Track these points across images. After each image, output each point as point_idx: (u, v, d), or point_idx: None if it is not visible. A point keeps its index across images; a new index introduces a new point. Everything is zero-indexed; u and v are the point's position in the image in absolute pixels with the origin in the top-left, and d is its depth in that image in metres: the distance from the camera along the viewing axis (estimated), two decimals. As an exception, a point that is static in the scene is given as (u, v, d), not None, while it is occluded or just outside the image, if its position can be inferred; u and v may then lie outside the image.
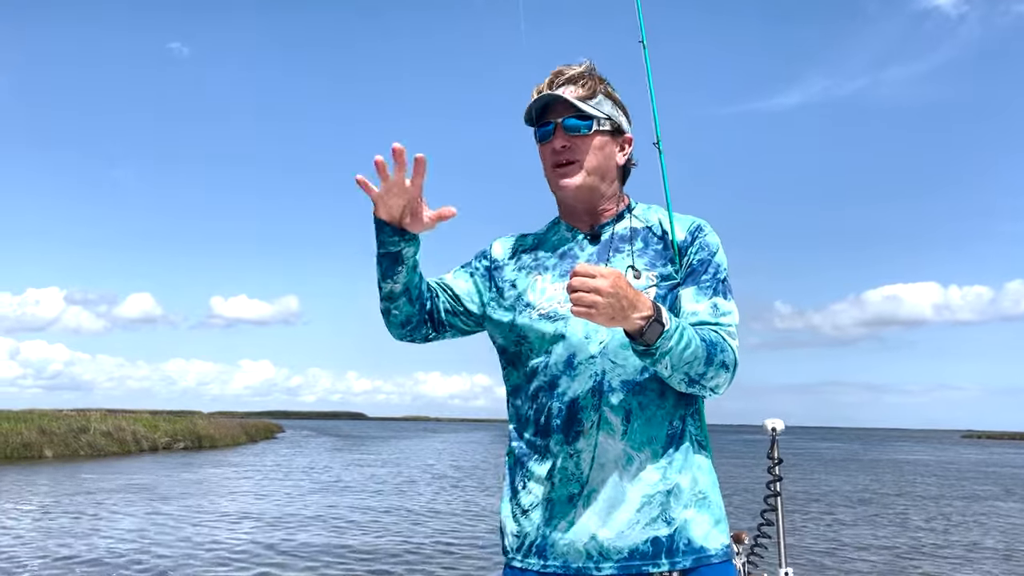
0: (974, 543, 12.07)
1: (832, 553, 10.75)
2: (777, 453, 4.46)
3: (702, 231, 1.87)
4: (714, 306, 1.79)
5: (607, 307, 1.55)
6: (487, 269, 1.95)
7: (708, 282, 1.81)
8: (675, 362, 1.64)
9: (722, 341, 1.74)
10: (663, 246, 1.86)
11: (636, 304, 1.58)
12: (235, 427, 45.23)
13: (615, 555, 1.71)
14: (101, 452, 30.38)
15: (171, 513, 13.45)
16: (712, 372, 1.70)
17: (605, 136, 1.86)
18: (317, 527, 12.26)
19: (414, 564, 9.47)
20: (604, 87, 1.88)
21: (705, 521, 1.76)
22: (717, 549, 1.76)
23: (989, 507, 17.43)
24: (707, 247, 1.85)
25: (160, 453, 32.76)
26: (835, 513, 15.38)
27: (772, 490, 4.42)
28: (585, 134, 1.84)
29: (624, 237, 1.88)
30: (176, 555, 9.64)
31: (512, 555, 1.82)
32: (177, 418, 43.67)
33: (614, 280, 1.55)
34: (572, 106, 1.83)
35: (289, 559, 9.59)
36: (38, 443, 28.56)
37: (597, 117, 1.84)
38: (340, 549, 10.35)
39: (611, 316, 1.56)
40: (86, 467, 23.99)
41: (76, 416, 34.61)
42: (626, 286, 1.57)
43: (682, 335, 1.64)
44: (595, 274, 1.55)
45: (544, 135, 1.86)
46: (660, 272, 1.82)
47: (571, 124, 1.83)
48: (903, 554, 10.96)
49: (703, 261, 1.83)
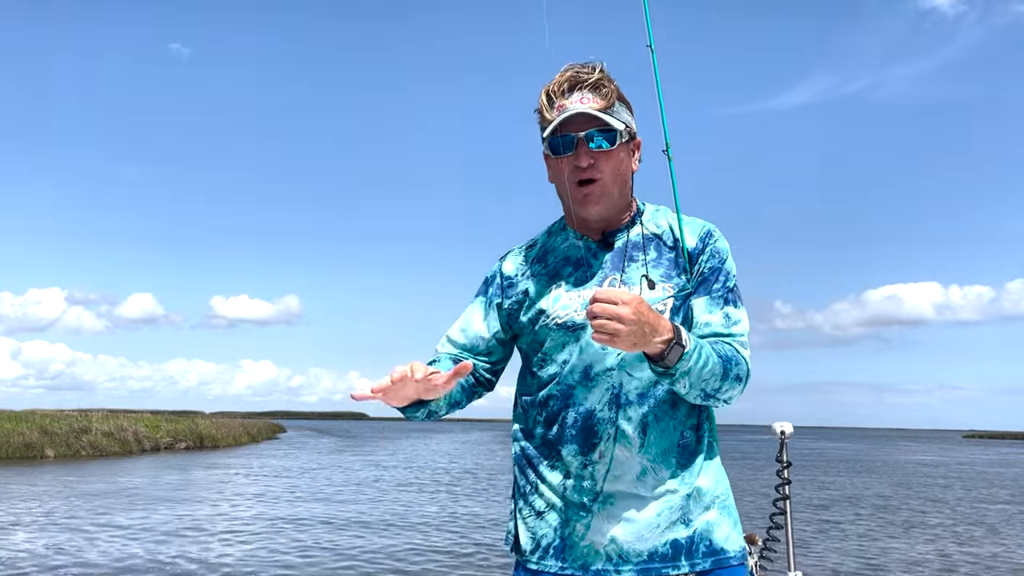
0: (1012, 558, 11.94)
1: (845, 559, 10.63)
2: (786, 456, 4.46)
3: (712, 237, 1.86)
4: (726, 316, 1.79)
5: (630, 335, 1.53)
6: (501, 289, 1.92)
7: (719, 291, 1.81)
8: (693, 380, 1.64)
9: (736, 354, 1.74)
10: (675, 254, 1.84)
11: (657, 328, 1.57)
12: (237, 427, 45.20)
13: (635, 558, 1.72)
14: (103, 452, 30.35)
15: (166, 517, 13.38)
16: (727, 386, 1.71)
17: (624, 147, 1.83)
18: (318, 530, 12.18)
19: (420, 564, 9.41)
20: (616, 89, 1.82)
21: (725, 523, 1.78)
22: (735, 551, 1.78)
23: (1016, 512, 17.16)
24: (718, 254, 1.84)
25: (162, 453, 32.73)
26: (847, 517, 15.24)
27: (781, 493, 4.40)
28: (608, 148, 1.78)
29: (637, 245, 1.85)
30: (166, 561, 9.57)
31: (527, 556, 1.81)
32: (179, 418, 43.72)
33: (636, 306, 1.53)
34: (595, 119, 1.77)
35: (290, 566, 9.50)
36: (40, 443, 28.57)
37: (619, 131, 1.79)
38: (351, 551, 10.27)
39: (633, 343, 1.55)
40: (87, 467, 23.94)
41: (78, 416, 34.68)
42: (647, 311, 1.55)
43: (700, 354, 1.63)
44: (617, 300, 1.52)
45: (564, 147, 1.79)
46: (675, 283, 1.81)
47: (595, 140, 1.77)
48: (927, 565, 10.85)
49: (714, 269, 1.83)
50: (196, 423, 40.81)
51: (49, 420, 31.82)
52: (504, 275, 1.93)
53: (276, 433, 57.51)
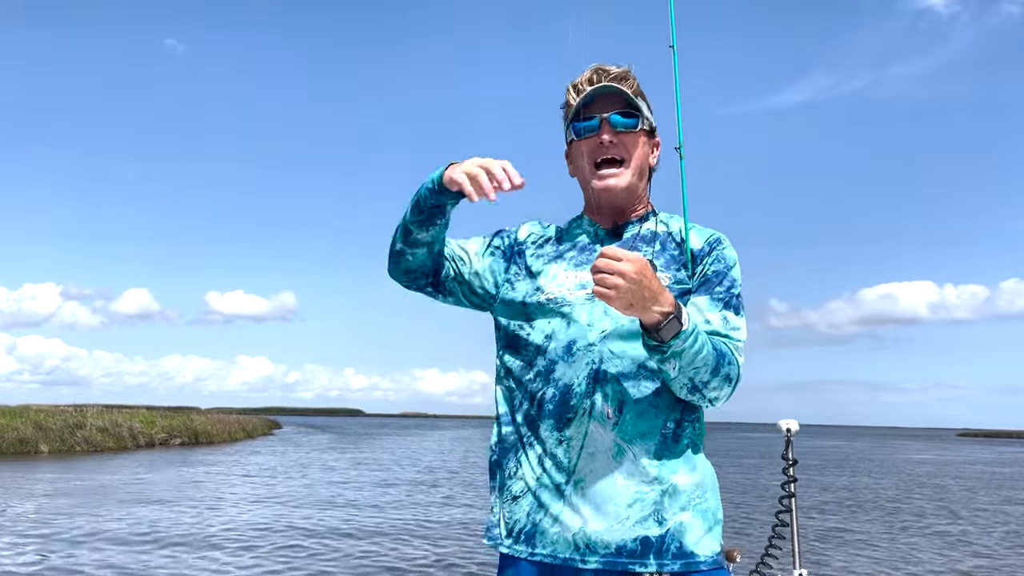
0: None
1: (849, 559, 10.53)
2: (792, 454, 4.43)
3: (720, 244, 1.87)
4: (724, 319, 1.78)
5: (628, 292, 1.53)
6: (510, 249, 1.94)
7: (722, 294, 1.80)
8: (684, 364, 1.63)
9: (730, 354, 1.73)
10: (680, 252, 1.86)
11: (658, 297, 1.57)
12: (232, 423, 45.14)
13: (602, 549, 1.70)
14: (97, 448, 30.26)
15: (150, 515, 13.23)
16: (716, 383, 1.69)
17: (644, 136, 1.87)
18: (310, 531, 12.02)
19: (412, 562, 9.26)
20: (638, 86, 1.87)
21: (699, 526, 1.73)
22: (707, 556, 1.72)
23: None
24: (724, 259, 1.85)
25: (157, 449, 32.59)
26: (851, 517, 15.16)
27: (787, 491, 4.37)
28: (633, 130, 1.83)
29: (645, 238, 1.88)
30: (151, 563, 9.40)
31: (501, 540, 1.81)
32: (174, 414, 43.56)
33: (640, 267, 1.54)
34: (621, 100, 1.82)
35: (275, 564, 9.36)
36: (34, 438, 28.49)
37: (644, 115, 1.85)
38: (338, 552, 10.13)
39: (630, 302, 1.55)
40: (80, 463, 23.80)
41: (72, 411, 34.58)
42: (652, 276, 1.56)
43: (696, 338, 1.63)
44: (622, 258, 1.54)
45: (588, 129, 1.84)
46: (674, 275, 1.82)
47: (619, 120, 1.82)
48: (936, 567, 10.74)
49: (718, 273, 1.83)
50: (191, 419, 40.70)
51: (43, 415, 31.64)
52: (517, 240, 1.95)
53: (271, 429, 57.31)
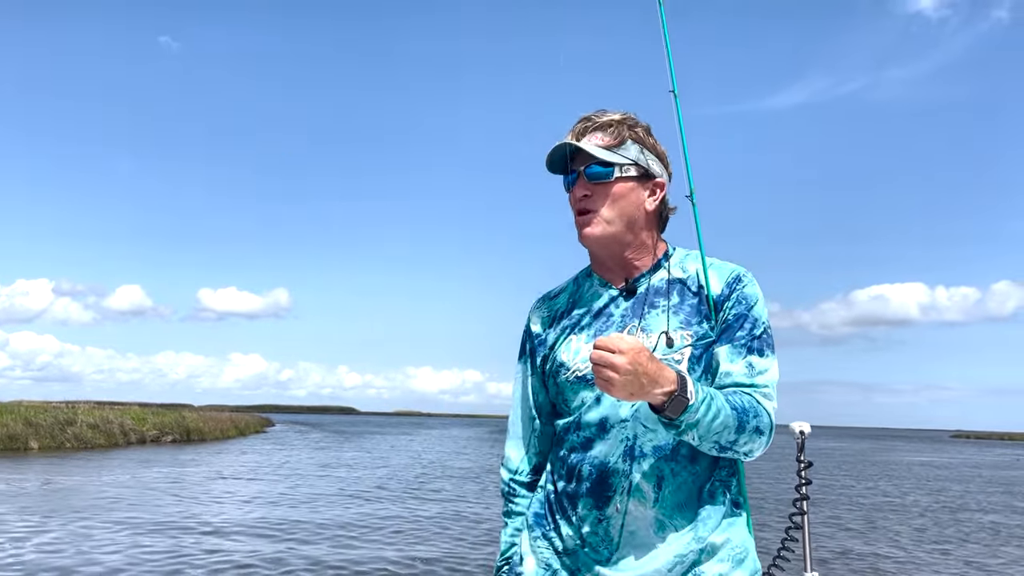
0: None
1: (860, 561, 10.38)
2: (805, 456, 4.31)
3: (740, 282, 1.80)
4: (749, 365, 1.74)
5: (624, 384, 1.52)
6: (533, 352, 1.95)
7: (743, 339, 1.75)
8: (702, 433, 1.61)
9: (756, 405, 1.69)
10: (698, 300, 1.80)
11: (657, 379, 1.54)
12: (224, 421, 45.00)
13: None
14: (88, 444, 30.04)
15: (136, 517, 13.03)
16: (744, 439, 1.66)
17: (629, 182, 1.81)
18: (298, 528, 11.83)
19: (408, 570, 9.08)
20: (636, 133, 1.83)
21: (735, 572, 1.73)
22: None
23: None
24: (744, 300, 1.78)
25: (148, 446, 32.35)
26: (855, 518, 15.04)
27: (800, 493, 4.25)
28: (606, 181, 1.80)
29: (659, 291, 1.83)
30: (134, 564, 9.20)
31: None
32: (166, 411, 43.34)
33: (633, 356, 1.51)
34: (590, 155, 1.80)
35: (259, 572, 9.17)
36: (24, 435, 28.32)
37: (619, 164, 1.80)
38: (330, 560, 9.95)
39: (630, 392, 1.54)
40: (71, 460, 23.57)
41: (64, 408, 34.39)
42: (646, 361, 1.53)
43: (710, 406, 1.60)
44: (615, 348, 1.52)
45: (569, 183, 1.85)
46: (695, 331, 1.76)
47: (592, 172, 1.81)
48: (945, 569, 10.57)
49: (739, 316, 1.77)
50: (183, 416, 40.51)
51: (34, 412, 31.43)
52: (532, 334, 1.96)
53: (264, 427, 57.16)
